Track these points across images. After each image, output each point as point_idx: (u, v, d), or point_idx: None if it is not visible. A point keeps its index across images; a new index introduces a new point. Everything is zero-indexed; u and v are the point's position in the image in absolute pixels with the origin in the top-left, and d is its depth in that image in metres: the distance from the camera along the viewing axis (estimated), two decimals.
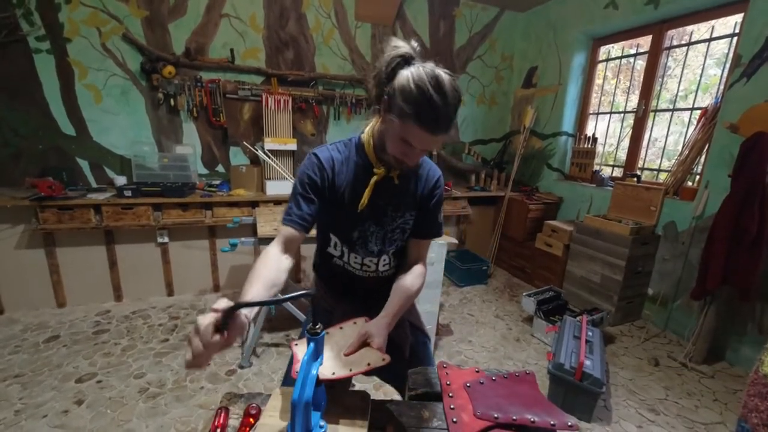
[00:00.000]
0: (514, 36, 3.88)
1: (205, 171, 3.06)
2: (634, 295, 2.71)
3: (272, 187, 2.92)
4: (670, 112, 2.83)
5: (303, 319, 2.23)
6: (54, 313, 2.59)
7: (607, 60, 3.35)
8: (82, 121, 2.65)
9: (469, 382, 0.80)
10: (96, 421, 1.66)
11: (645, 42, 2.97)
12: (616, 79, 3.41)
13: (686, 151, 2.57)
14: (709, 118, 2.44)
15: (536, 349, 2.41)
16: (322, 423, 0.66)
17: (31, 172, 2.56)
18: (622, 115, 3.19)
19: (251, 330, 2.11)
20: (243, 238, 2.19)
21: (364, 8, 3.18)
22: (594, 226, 2.76)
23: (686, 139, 2.63)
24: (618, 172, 3.25)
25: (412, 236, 1.04)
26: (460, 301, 3.08)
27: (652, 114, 2.92)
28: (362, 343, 0.81)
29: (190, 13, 2.74)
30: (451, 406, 0.74)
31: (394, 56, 0.80)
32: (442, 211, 1.07)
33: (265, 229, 2.08)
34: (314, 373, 0.63)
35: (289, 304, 2.20)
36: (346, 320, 0.90)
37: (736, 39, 2.35)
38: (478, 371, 0.85)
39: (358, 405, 0.73)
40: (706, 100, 2.66)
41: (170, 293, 2.92)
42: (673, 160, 2.73)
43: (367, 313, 0.91)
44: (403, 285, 0.97)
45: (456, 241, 2.61)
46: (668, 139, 2.88)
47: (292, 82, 3.07)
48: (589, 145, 3.33)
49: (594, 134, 3.33)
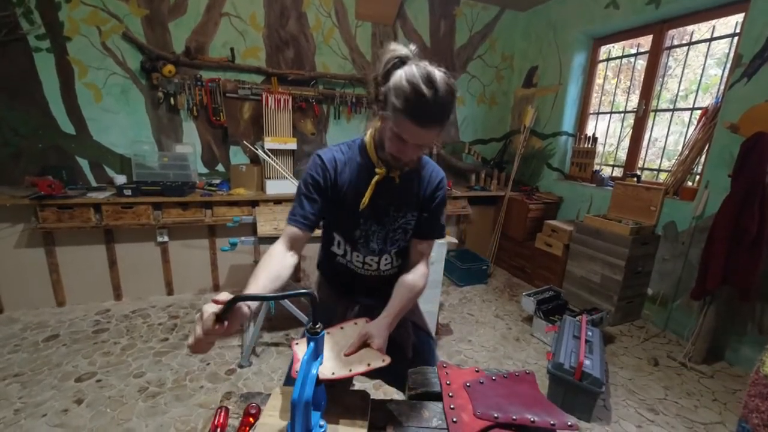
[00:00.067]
0: (515, 35, 3.87)
1: (205, 170, 3.05)
2: (634, 295, 2.71)
3: (272, 187, 2.92)
4: (671, 112, 2.83)
5: (303, 318, 2.24)
6: (53, 312, 2.59)
7: (608, 60, 3.35)
8: (82, 120, 2.65)
9: (469, 382, 0.80)
10: (96, 420, 1.66)
11: (645, 42, 2.97)
12: (616, 79, 3.41)
13: (686, 151, 2.57)
14: (710, 118, 2.44)
15: (536, 348, 2.41)
16: (322, 423, 0.66)
17: (31, 171, 2.56)
18: (623, 114, 3.19)
19: (251, 329, 2.11)
20: (243, 238, 2.19)
21: (364, 7, 3.17)
22: (594, 226, 2.76)
23: (686, 139, 2.63)
24: (618, 172, 3.24)
25: (414, 237, 1.04)
26: (460, 301, 3.08)
27: (652, 114, 2.92)
28: (363, 344, 0.81)
29: (190, 12, 2.74)
30: (451, 406, 0.74)
31: (390, 57, 0.82)
32: (445, 213, 1.07)
33: (265, 228, 2.08)
34: (314, 373, 0.63)
35: (289, 304, 2.20)
36: (347, 320, 0.90)
37: (736, 39, 2.34)
38: (477, 371, 0.85)
39: (358, 405, 0.73)
40: (707, 100, 2.66)
41: (170, 292, 2.92)
42: (673, 160, 2.73)
43: (368, 312, 0.91)
44: (405, 286, 0.97)
45: (456, 241, 2.61)
46: (668, 139, 2.88)
47: (292, 81, 3.06)
48: (589, 145, 3.32)
49: (594, 134, 3.33)
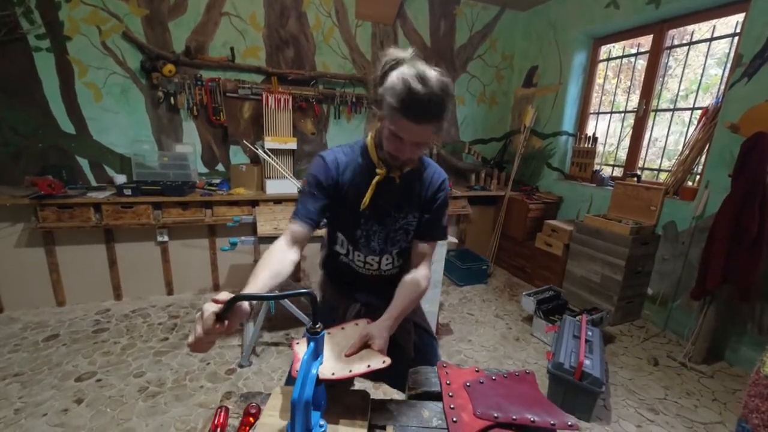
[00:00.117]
0: (515, 35, 3.87)
1: (205, 170, 3.05)
2: (634, 295, 2.71)
3: (272, 186, 2.92)
4: (671, 112, 2.83)
5: (303, 318, 2.24)
6: (53, 311, 2.59)
7: (608, 59, 3.35)
8: (82, 120, 2.64)
9: (468, 382, 0.80)
10: (96, 420, 1.67)
11: (646, 41, 2.97)
12: (616, 79, 3.41)
13: (686, 151, 2.57)
14: (710, 117, 2.44)
15: (536, 348, 2.41)
16: (322, 422, 0.66)
17: (31, 171, 2.56)
18: (623, 114, 3.19)
19: (251, 328, 2.11)
20: (243, 237, 2.19)
21: (364, 7, 3.17)
22: (594, 225, 2.76)
23: (687, 139, 2.63)
24: (618, 172, 3.24)
25: (415, 238, 1.04)
26: (460, 301, 3.08)
27: (652, 114, 2.91)
28: (363, 345, 0.81)
29: (190, 12, 2.74)
30: (451, 406, 0.74)
31: (386, 61, 0.86)
32: (447, 214, 1.07)
33: (265, 228, 2.08)
34: (314, 373, 0.63)
35: (289, 304, 2.20)
36: (348, 321, 0.91)
37: (737, 39, 2.34)
38: (477, 371, 0.85)
39: (358, 404, 0.73)
40: (707, 100, 2.66)
41: (170, 292, 2.92)
42: (674, 160, 2.73)
43: (369, 310, 0.91)
44: (407, 288, 0.98)
45: (456, 241, 2.61)
46: (669, 139, 2.87)
47: (292, 80, 3.06)
48: (590, 145, 3.32)
49: (594, 134, 3.33)
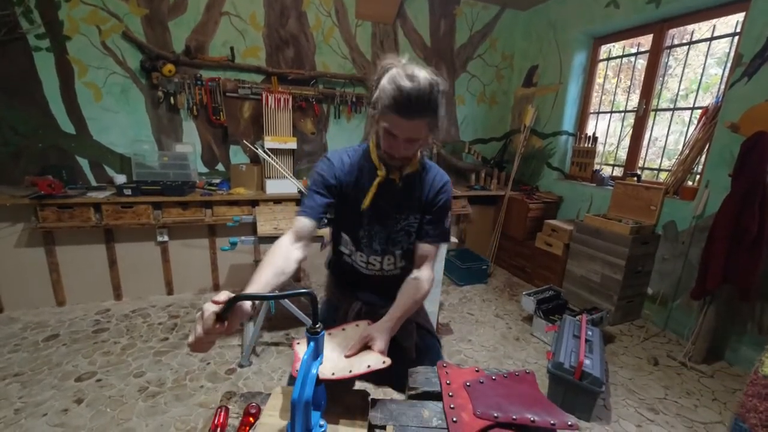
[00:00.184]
0: (515, 35, 3.87)
1: (205, 170, 3.05)
2: (634, 295, 2.71)
3: (272, 186, 2.92)
4: (671, 112, 2.82)
5: (303, 318, 2.24)
6: (53, 311, 2.59)
7: (608, 59, 3.34)
8: (82, 120, 2.64)
9: (468, 382, 0.80)
10: (96, 420, 1.67)
11: (646, 41, 2.97)
12: (616, 79, 3.40)
13: (687, 151, 2.57)
14: (710, 117, 2.44)
15: (536, 348, 2.41)
16: (322, 422, 0.66)
17: (31, 171, 2.56)
18: (623, 114, 3.19)
19: (251, 328, 2.11)
20: (243, 237, 2.19)
21: (364, 7, 3.17)
22: (594, 225, 2.76)
23: (687, 139, 2.63)
24: (618, 172, 3.24)
25: (417, 239, 1.05)
26: (460, 300, 3.08)
27: (652, 113, 2.91)
28: (364, 346, 0.81)
29: (190, 11, 2.74)
30: (451, 406, 0.74)
31: (382, 65, 0.89)
32: (450, 216, 1.08)
33: (265, 228, 2.08)
34: (314, 373, 0.63)
35: (290, 304, 2.20)
36: (349, 322, 0.91)
37: (737, 38, 2.34)
38: (477, 370, 0.85)
39: (358, 404, 0.73)
40: (707, 100, 2.66)
41: (170, 292, 2.92)
42: (674, 160, 2.73)
43: (370, 309, 0.92)
44: (408, 290, 0.98)
45: (456, 240, 2.61)
46: (669, 139, 2.87)
47: (292, 80, 3.06)
48: (590, 145, 3.32)
49: (594, 133, 3.33)
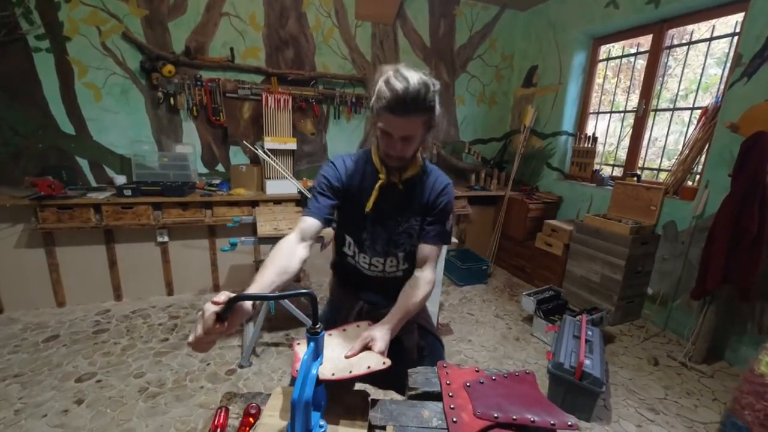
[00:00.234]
0: (515, 35, 3.87)
1: (205, 170, 3.05)
2: (634, 295, 2.71)
3: (272, 187, 2.92)
4: (671, 112, 2.83)
5: (303, 318, 2.24)
6: (54, 312, 2.59)
7: (608, 59, 3.35)
8: (82, 120, 2.65)
9: (469, 382, 0.80)
10: (96, 421, 1.66)
11: (645, 41, 2.97)
12: (616, 79, 3.40)
13: (686, 151, 2.57)
14: (710, 117, 2.44)
15: (536, 348, 2.41)
16: (322, 423, 0.66)
17: (31, 172, 2.56)
18: (623, 114, 3.19)
19: (251, 329, 2.11)
20: (243, 238, 2.19)
21: (364, 7, 3.17)
22: (594, 225, 2.76)
23: (686, 139, 2.63)
24: (618, 172, 3.24)
25: (419, 241, 1.06)
26: (460, 301, 3.08)
27: (652, 113, 2.91)
28: (364, 347, 0.81)
29: (189, 12, 2.74)
30: (451, 406, 0.74)
31: (379, 72, 0.92)
32: (451, 219, 1.09)
33: (264, 228, 2.08)
34: (314, 373, 0.63)
35: (290, 304, 2.20)
36: (350, 323, 0.91)
37: (736, 38, 2.34)
38: (477, 371, 0.85)
39: (358, 405, 0.73)
40: (707, 100, 2.66)
41: (170, 293, 2.92)
42: (673, 160, 2.73)
43: (372, 308, 0.92)
44: (410, 292, 0.99)
45: (456, 241, 2.61)
46: (668, 139, 2.87)
47: (292, 81, 3.06)
48: (589, 145, 3.32)
49: (594, 134, 3.33)
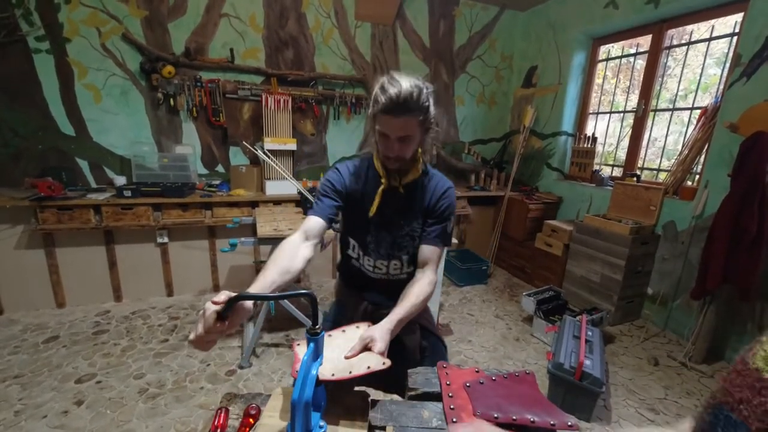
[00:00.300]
0: (514, 35, 3.88)
1: (204, 171, 3.05)
2: (634, 295, 2.71)
3: (272, 187, 2.92)
4: (670, 112, 2.83)
5: (303, 319, 2.24)
6: (53, 313, 2.59)
7: (607, 59, 3.35)
8: (82, 121, 2.65)
9: (468, 382, 0.80)
10: (96, 422, 1.66)
11: (645, 41, 2.97)
12: (616, 79, 3.41)
13: (686, 151, 2.57)
14: (709, 117, 2.44)
15: (536, 348, 2.41)
16: (322, 423, 0.66)
17: (31, 173, 2.56)
18: (622, 114, 3.19)
19: (251, 329, 2.11)
20: (243, 238, 2.19)
21: (364, 8, 3.17)
22: (594, 225, 2.76)
23: (686, 139, 2.63)
24: (618, 172, 3.24)
25: (421, 243, 1.08)
26: (460, 301, 3.08)
27: (651, 113, 2.91)
28: (364, 347, 0.81)
29: (189, 13, 2.74)
30: (451, 406, 0.74)
31: (377, 81, 0.95)
32: (452, 221, 1.10)
33: (264, 229, 2.08)
34: (314, 373, 0.63)
35: (290, 305, 2.20)
36: (350, 324, 0.91)
37: (736, 38, 2.34)
38: (477, 371, 0.85)
39: (358, 405, 0.73)
40: (706, 100, 2.66)
41: (170, 293, 2.92)
42: (673, 160, 2.73)
43: (376, 308, 0.93)
44: (411, 293, 0.99)
45: (456, 241, 2.62)
46: (668, 139, 2.88)
47: (291, 81, 3.06)
48: (589, 145, 3.32)
49: (594, 134, 3.33)
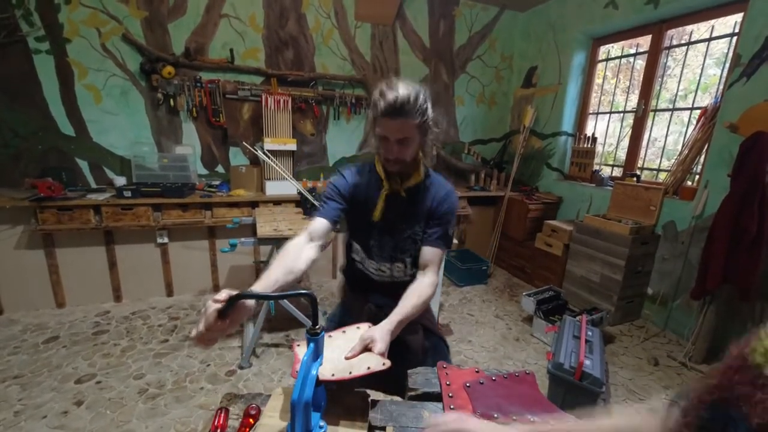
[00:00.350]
0: (514, 36, 3.88)
1: (204, 171, 3.05)
2: (634, 295, 2.70)
3: (272, 188, 2.92)
4: (670, 112, 2.83)
5: (303, 319, 2.24)
6: (53, 313, 2.58)
7: (607, 60, 3.35)
8: (82, 122, 2.65)
9: (468, 382, 0.80)
10: (95, 422, 1.66)
11: (645, 42, 2.97)
12: (615, 79, 3.41)
13: (686, 151, 2.57)
14: (709, 117, 2.44)
15: (536, 348, 2.41)
16: (322, 423, 0.66)
17: (31, 173, 2.56)
18: (622, 114, 3.19)
19: (251, 330, 2.11)
20: (243, 239, 2.19)
21: (364, 8, 3.18)
22: (594, 225, 2.76)
23: (686, 139, 2.63)
24: (618, 172, 3.24)
25: (422, 245, 1.09)
26: (460, 301, 3.08)
27: (651, 114, 2.92)
28: (364, 348, 0.81)
29: (189, 13, 2.74)
30: (451, 406, 0.74)
31: (376, 89, 0.97)
32: (453, 224, 1.11)
33: (264, 229, 2.08)
34: (314, 374, 0.63)
35: (290, 305, 2.20)
36: (350, 324, 0.91)
37: (735, 38, 2.35)
38: (477, 371, 0.85)
39: (358, 405, 0.73)
40: (706, 100, 2.66)
41: (170, 294, 2.92)
42: (673, 160, 2.73)
43: (380, 310, 0.93)
44: (411, 294, 1.00)
45: (456, 241, 2.62)
46: (668, 139, 2.88)
47: (291, 82, 3.06)
48: (589, 145, 3.32)
49: (594, 134, 3.33)
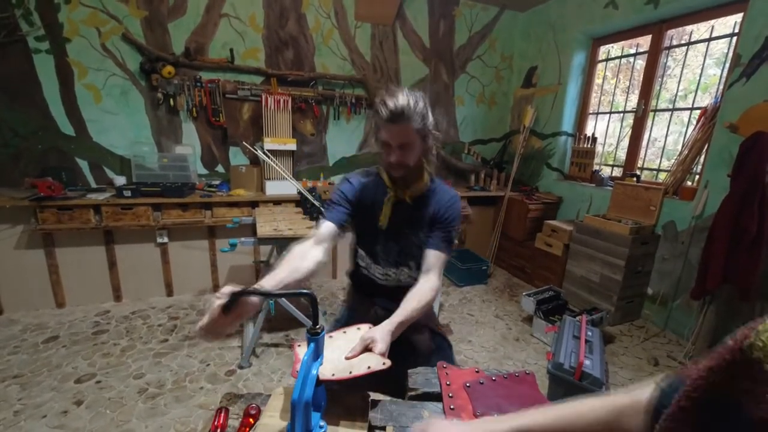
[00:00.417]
0: (514, 36, 3.88)
1: (204, 171, 3.05)
2: (634, 295, 2.71)
3: (272, 188, 2.92)
4: (670, 112, 2.83)
5: (303, 319, 2.24)
6: (53, 313, 2.58)
7: (607, 60, 3.35)
8: (82, 122, 2.65)
9: (468, 382, 0.80)
10: (95, 422, 1.66)
11: (645, 42, 2.97)
12: (615, 79, 3.41)
13: (686, 151, 2.57)
14: (709, 117, 2.44)
15: (536, 348, 2.41)
16: (322, 423, 0.66)
17: (31, 173, 2.56)
18: (622, 114, 3.19)
19: (251, 329, 2.11)
20: (243, 238, 2.19)
21: (364, 8, 3.18)
22: (594, 225, 2.76)
23: (686, 139, 2.63)
24: (618, 172, 3.24)
25: (425, 248, 1.10)
26: (460, 301, 3.08)
27: (651, 114, 2.92)
28: (365, 348, 0.81)
29: (189, 13, 2.74)
30: (451, 407, 0.74)
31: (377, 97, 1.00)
32: (457, 229, 1.13)
33: (264, 229, 2.08)
34: (314, 373, 0.63)
35: (290, 305, 2.20)
36: (350, 325, 0.91)
37: (735, 39, 2.35)
38: (477, 371, 0.85)
39: (358, 405, 0.73)
40: (706, 100, 2.66)
41: (170, 293, 2.91)
42: (673, 160, 2.73)
43: (387, 314, 0.94)
44: (412, 298, 1.00)
45: (456, 242, 2.62)
46: (668, 139, 2.88)
47: (291, 82, 3.06)
48: (589, 145, 3.33)
49: (593, 134, 3.33)
